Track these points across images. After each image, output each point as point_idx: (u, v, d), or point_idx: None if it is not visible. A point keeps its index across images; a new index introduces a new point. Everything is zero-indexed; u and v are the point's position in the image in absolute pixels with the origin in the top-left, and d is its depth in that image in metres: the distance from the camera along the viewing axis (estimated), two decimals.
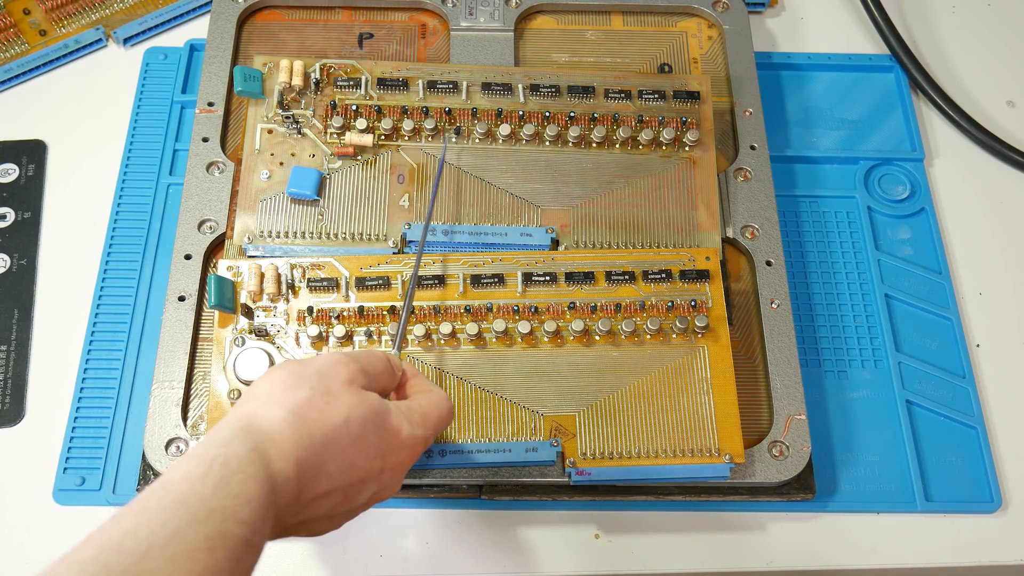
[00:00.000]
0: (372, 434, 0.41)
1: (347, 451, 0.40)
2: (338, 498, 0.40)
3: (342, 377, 0.41)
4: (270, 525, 0.37)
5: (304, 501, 0.39)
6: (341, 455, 0.39)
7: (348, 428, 0.40)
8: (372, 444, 0.41)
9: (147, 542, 0.33)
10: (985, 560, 0.54)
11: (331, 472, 0.39)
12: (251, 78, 0.60)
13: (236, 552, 0.34)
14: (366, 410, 0.41)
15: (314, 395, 0.40)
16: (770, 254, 0.59)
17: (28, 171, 0.64)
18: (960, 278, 0.63)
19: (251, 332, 0.54)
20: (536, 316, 0.54)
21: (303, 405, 0.39)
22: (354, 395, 0.41)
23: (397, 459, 0.42)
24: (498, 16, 0.67)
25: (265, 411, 0.39)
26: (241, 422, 0.38)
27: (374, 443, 0.41)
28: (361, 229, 0.58)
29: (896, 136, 0.68)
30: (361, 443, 0.40)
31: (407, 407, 0.44)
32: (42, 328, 0.59)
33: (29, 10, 0.69)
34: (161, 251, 0.60)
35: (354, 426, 0.40)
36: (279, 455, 0.37)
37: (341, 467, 0.40)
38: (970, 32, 0.74)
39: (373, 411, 0.41)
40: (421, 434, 0.43)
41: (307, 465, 0.38)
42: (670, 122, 0.61)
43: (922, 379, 0.58)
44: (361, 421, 0.40)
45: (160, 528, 0.33)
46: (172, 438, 0.52)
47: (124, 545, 0.33)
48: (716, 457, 0.52)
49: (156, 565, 0.32)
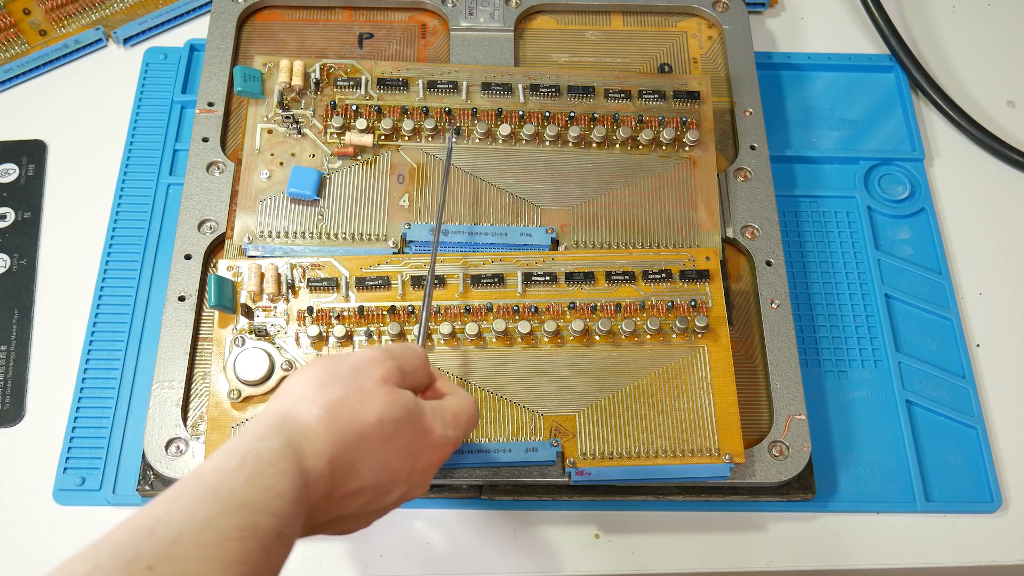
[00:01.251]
0: (405, 434, 0.41)
1: (379, 450, 0.40)
2: (368, 496, 0.40)
3: (377, 375, 0.41)
4: (302, 520, 0.37)
5: (335, 498, 0.39)
6: (373, 454, 0.40)
7: (381, 427, 0.40)
8: (404, 444, 0.41)
9: (178, 529, 0.33)
10: (985, 560, 0.54)
11: (363, 471, 0.39)
12: (251, 78, 0.60)
13: (266, 543, 0.34)
14: (399, 409, 0.41)
15: (348, 393, 0.40)
16: (770, 254, 0.59)
17: (28, 171, 0.64)
18: (960, 278, 0.63)
19: (251, 332, 0.54)
20: (536, 316, 0.54)
21: (336, 404, 0.39)
22: (388, 393, 0.41)
23: (429, 459, 0.42)
24: (498, 16, 0.67)
25: (299, 408, 0.39)
26: (275, 418, 0.39)
27: (406, 443, 0.41)
28: (361, 229, 0.58)
29: (896, 136, 0.68)
30: (393, 443, 0.40)
31: (439, 407, 0.44)
32: (42, 328, 0.59)
33: (29, 10, 0.69)
34: (161, 251, 0.60)
35: (387, 426, 0.40)
36: (313, 451, 0.38)
37: (373, 466, 0.40)
38: (970, 32, 0.74)
39: (407, 411, 0.41)
40: (452, 435, 0.43)
41: (340, 463, 0.38)
42: (670, 122, 0.61)
43: (922, 379, 0.58)
44: (394, 421, 0.40)
45: (191, 516, 0.34)
46: (172, 438, 0.52)
47: (155, 531, 0.33)
48: (716, 457, 0.52)
49: (186, 551, 0.33)
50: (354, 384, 0.40)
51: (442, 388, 0.46)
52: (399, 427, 0.40)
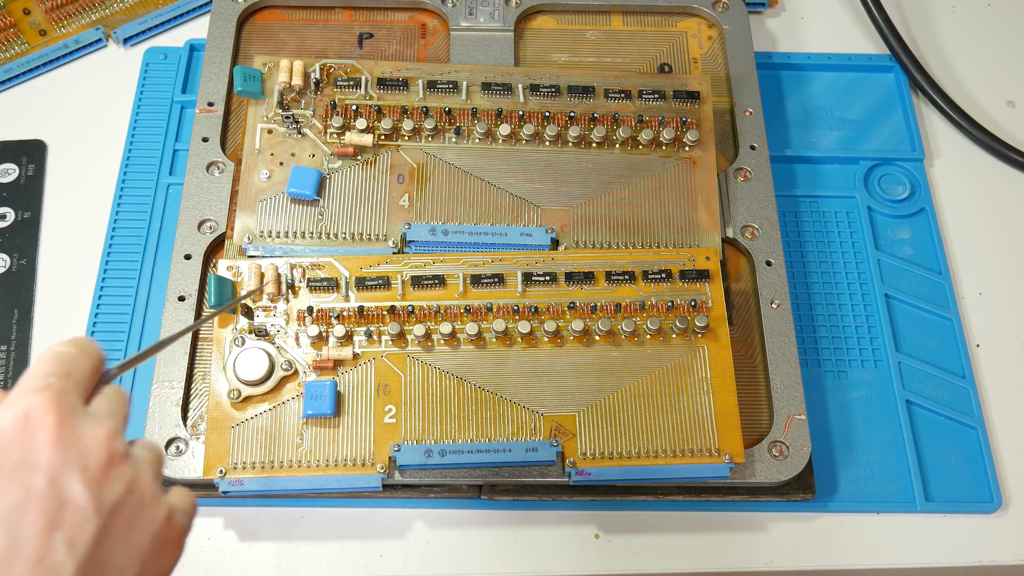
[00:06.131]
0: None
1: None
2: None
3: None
4: None
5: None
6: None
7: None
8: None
9: None
10: (985, 560, 0.54)
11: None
12: (251, 78, 0.60)
13: None
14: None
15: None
16: (770, 254, 0.59)
17: (28, 171, 0.64)
18: (960, 278, 0.63)
19: (251, 332, 0.54)
20: (536, 316, 0.54)
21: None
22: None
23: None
24: (498, 16, 0.67)
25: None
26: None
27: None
28: (361, 229, 0.58)
29: (896, 136, 0.68)
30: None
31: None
32: (42, 328, 0.59)
33: (29, 10, 0.68)
34: (161, 251, 0.60)
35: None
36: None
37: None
38: (970, 32, 0.74)
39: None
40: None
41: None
42: (670, 122, 0.61)
43: (922, 379, 0.58)
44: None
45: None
46: (172, 438, 0.52)
47: None
48: (716, 457, 0.52)
49: None
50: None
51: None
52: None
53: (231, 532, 0.53)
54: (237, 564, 0.52)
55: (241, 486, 0.50)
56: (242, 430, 0.52)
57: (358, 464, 0.51)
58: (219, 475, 0.50)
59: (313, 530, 0.53)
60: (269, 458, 0.51)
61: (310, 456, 0.51)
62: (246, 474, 0.51)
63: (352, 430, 0.52)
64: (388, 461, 0.51)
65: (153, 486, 0.34)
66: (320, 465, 0.51)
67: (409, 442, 0.52)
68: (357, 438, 0.52)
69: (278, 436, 0.51)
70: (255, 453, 0.51)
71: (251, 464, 0.51)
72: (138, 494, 0.33)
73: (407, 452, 0.51)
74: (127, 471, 0.33)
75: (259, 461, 0.51)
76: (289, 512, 0.54)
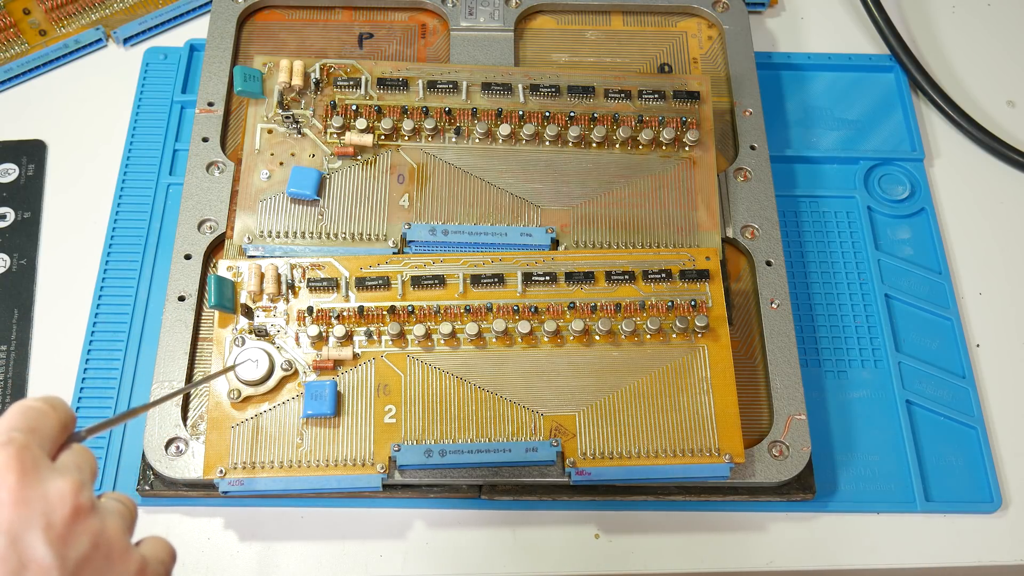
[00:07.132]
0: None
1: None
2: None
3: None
4: None
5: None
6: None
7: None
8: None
9: None
10: (985, 560, 0.54)
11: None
12: (251, 78, 0.60)
13: None
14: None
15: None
16: (770, 254, 0.59)
17: (28, 171, 0.64)
18: (960, 278, 0.63)
19: (251, 332, 0.54)
20: (536, 316, 0.54)
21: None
22: None
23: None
24: (498, 16, 0.67)
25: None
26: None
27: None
28: (361, 229, 0.58)
29: (896, 136, 0.68)
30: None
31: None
32: (42, 328, 0.59)
33: (29, 10, 0.68)
34: (161, 251, 0.60)
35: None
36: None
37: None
38: (970, 32, 0.74)
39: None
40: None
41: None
42: (670, 122, 0.61)
43: (922, 379, 0.58)
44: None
45: None
46: (172, 438, 0.52)
47: None
48: (716, 457, 0.52)
49: None
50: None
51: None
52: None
53: (231, 532, 0.53)
54: (237, 564, 0.52)
55: (241, 486, 0.50)
56: (242, 430, 0.52)
57: (358, 464, 0.51)
58: (219, 475, 0.50)
59: (313, 530, 0.53)
60: (269, 458, 0.51)
61: (310, 456, 0.51)
62: (246, 474, 0.51)
63: (352, 430, 0.52)
64: (388, 461, 0.51)
65: (122, 539, 0.33)
66: (320, 465, 0.51)
67: (409, 442, 0.52)
68: (357, 438, 0.52)
69: (278, 436, 0.51)
70: (255, 453, 0.51)
71: (251, 464, 0.51)
72: (105, 548, 0.32)
73: (407, 452, 0.51)
74: (93, 524, 0.32)
75: (259, 461, 0.51)
76: (289, 512, 0.54)
